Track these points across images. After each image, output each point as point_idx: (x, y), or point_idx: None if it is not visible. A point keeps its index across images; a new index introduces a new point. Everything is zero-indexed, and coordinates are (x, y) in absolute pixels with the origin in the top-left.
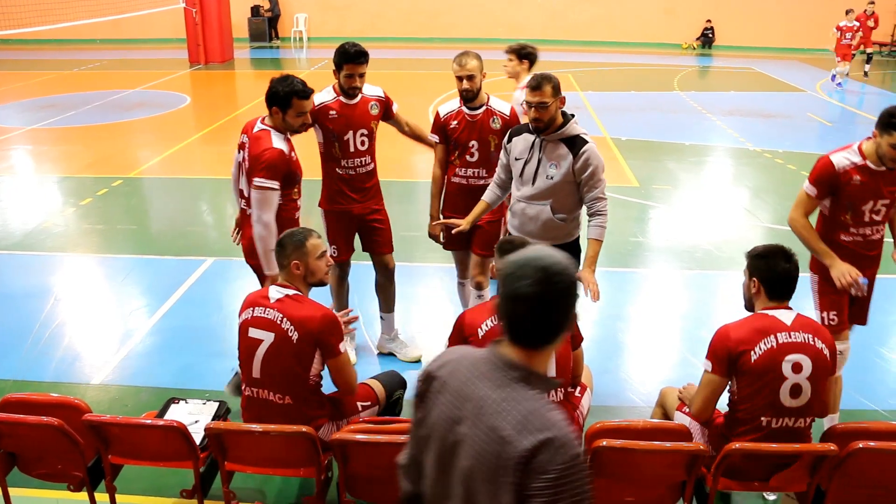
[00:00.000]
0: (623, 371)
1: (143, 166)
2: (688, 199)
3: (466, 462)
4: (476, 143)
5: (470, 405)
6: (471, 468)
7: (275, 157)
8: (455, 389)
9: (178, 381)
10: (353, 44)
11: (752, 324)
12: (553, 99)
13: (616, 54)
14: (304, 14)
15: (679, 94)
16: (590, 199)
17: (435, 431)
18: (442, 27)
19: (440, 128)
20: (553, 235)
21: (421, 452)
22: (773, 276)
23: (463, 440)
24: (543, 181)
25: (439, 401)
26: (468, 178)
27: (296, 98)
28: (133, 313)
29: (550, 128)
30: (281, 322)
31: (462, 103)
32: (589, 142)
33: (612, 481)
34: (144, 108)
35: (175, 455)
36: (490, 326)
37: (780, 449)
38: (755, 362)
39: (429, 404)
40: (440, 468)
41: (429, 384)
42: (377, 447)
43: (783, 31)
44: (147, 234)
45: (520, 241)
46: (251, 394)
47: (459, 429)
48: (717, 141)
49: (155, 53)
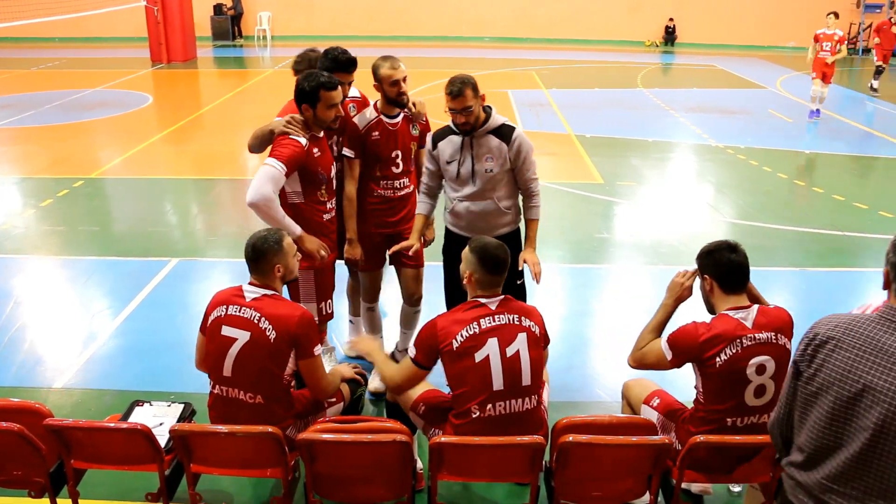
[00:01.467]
0: (589, 366)
1: (105, 167)
2: (652, 195)
3: (878, 409)
4: (400, 152)
5: (881, 356)
6: (883, 415)
7: (290, 147)
8: (855, 345)
9: (143, 384)
10: (342, 50)
11: (719, 327)
12: (475, 100)
13: (580, 52)
14: (268, 12)
15: (642, 90)
16: (525, 181)
17: (831, 386)
18: (407, 25)
19: (359, 141)
20: (501, 226)
21: (805, 408)
22: (721, 269)
23: (872, 389)
24: (483, 176)
25: (835, 357)
26: (395, 189)
27: (323, 90)
28: (96, 316)
29: (477, 124)
30: (258, 321)
31: (379, 112)
32: (516, 128)
33: (579, 476)
34: (105, 107)
35: (139, 458)
36: (467, 336)
37: (744, 441)
38: (720, 368)
39: (819, 363)
40: (834, 419)
41: (822, 345)
42: (343, 446)
43: (744, 28)
44: (109, 236)
45: (494, 242)
46: (220, 392)
47: (867, 378)
48: (681, 137)
49: (116, 52)
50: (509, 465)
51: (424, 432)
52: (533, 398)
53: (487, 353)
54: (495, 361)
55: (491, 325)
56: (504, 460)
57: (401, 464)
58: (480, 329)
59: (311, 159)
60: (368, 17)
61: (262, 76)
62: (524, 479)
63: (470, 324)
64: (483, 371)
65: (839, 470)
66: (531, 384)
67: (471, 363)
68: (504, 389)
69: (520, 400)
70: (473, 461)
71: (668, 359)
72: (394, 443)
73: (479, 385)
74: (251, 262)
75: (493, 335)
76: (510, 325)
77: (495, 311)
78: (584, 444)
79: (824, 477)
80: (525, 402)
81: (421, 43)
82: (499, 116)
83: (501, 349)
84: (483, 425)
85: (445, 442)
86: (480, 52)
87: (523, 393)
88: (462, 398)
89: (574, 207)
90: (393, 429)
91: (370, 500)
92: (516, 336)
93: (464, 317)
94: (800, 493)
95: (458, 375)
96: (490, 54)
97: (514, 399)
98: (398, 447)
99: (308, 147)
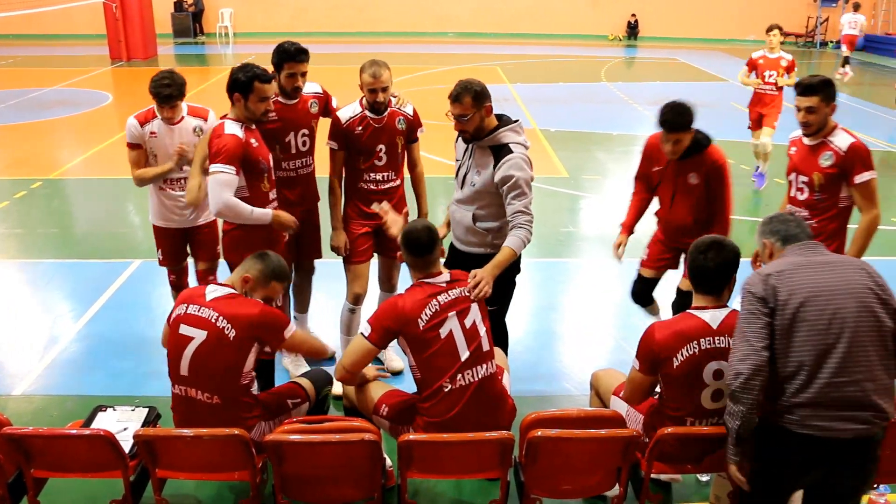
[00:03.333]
0: (557, 360)
1: (64, 167)
2: (617, 188)
3: (848, 302)
4: (384, 146)
5: (819, 266)
6: (854, 305)
7: (228, 144)
8: (799, 267)
9: (106, 388)
10: (292, 42)
11: (678, 326)
12: (474, 110)
13: (544, 46)
14: (230, 9)
15: (606, 84)
16: (511, 212)
17: (805, 302)
18: (370, 20)
19: (342, 134)
20: (475, 242)
21: (787, 335)
22: (692, 270)
23: (832, 289)
24: (469, 187)
25: (793, 280)
26: (378, 182)
27: (257, 82)
28: (57, 320)
29: (480, 134)
30: (216, 320)
31: (364, 108)
32: (514, 152)
33: (549, 470)
34: (64, 106)
35: (103, 465)
36: (430, 314)
37: (711, 431)
38: (677, 369)
39: (786, 291)
40: (822, 324)
41: (777, 276)
42: (311, 447)
43: (706, 22)
44: (70, 238)
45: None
46: (179, 392)
47: (824, 283)
48: (645, 130)
49: (73, 50)
50: (479, 461)
51: (391, 433)
52: (492, 363)
53: (451, 328)
54: (458, 333)
55: (448, 300)
56: (473, 456)
57: (370, 463)
58: (441, 306)
59: (250, 150)
60: (330, 12)
61: (224, 73)
62: (494, 474)
63: (430, 303)
64: (449, 345)
65: (840, 364)
66: (490, 350)
67: (437, 340)
68: (470, 358)
69: (484, 366)
70: (442, 458)
71: (637, 369)
72: (362, 442)
73: (447, 359)
74: (261, 274)
75: (450, 310)
76: (462, 297)
77: (447, 287)
78: (552, 438)
79: (831, 376)
80: (487, 367)
81: (384, 39)
82: (509, 134)
83: (461, 321)
84: (456, 398)
85: (414, 440)
86: (444, 47)
87: (486, 358)
88: (430, 377)
89: (540, 202)
90: (361, 428)
91: (340, 500)
92: (470, 307)
93: (422, 296)
94: (807, 415)
95: (425, 355)
96: (454, 49)
97: (478, 366)
98: (366, 446)
99: (245, 137)
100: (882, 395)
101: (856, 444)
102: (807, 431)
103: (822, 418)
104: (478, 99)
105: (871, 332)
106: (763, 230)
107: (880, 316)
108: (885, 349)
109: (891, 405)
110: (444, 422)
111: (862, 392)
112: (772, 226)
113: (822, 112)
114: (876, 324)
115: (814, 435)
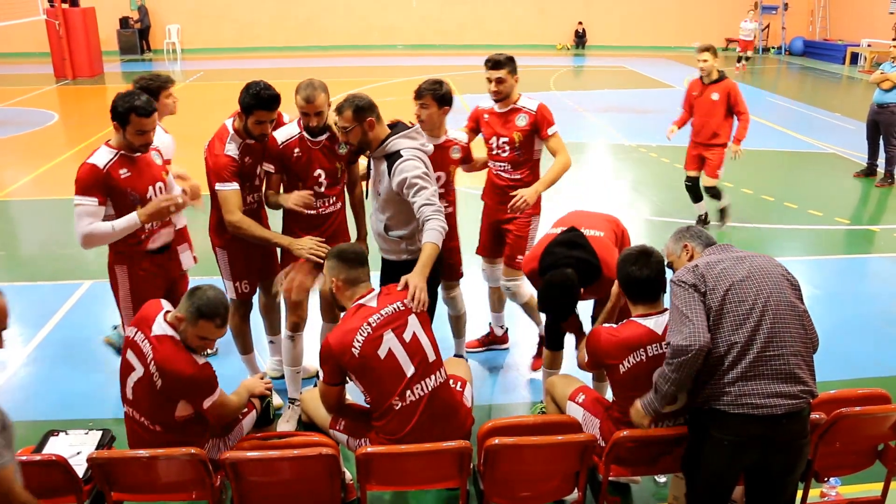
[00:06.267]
0: (514, 368)
1: (10, 188)
2: (570, 195)
3: (763, 284)
4: (322, 172)
5: (737, 260)
6: (768, 287)
7: (83, 175)
8: (720, 260)
9: (59, 412)
10: (266, 86)
11: (623, 335)
12: (355, 123)
13: None
14: (177, 25)
15: (555, 93)
16: (417, 209)
17: (730, 287)
18: (316, 34)
19: (278, 157)
20: (390, 250)
21: (718, 318)
22: (626, 284)
23: (749, 277)
24: (376, 198)
25: (717, 269)
26: (316, 207)
27: (134, 115)
28: (5, 344)
29: (370, 147)
30: (149, 363)
31: (301, 128)
32: (403, 156)
33: (508, 477)
34: (7, 126)
35: (56, 490)
36: (363, 339)
37: (666, 433)
38: (624, 374)
39: (713, 277)
40: (745, 307)
41: (704, 267)
42: (269, 462)
43: (652, 30)
44: (17, 260)
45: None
46: (128, 412)
47: (742, 272)
48: (595, 138)
49: (16, 68)
50: (437, 471)
51: (349, 447)
52: (441, 371)
53: (389, 347)
54: (398, 350)
55: (380, 320)
56: (432, 466)
57: (328, 477)
58: (373, 328)
59: (113, 181)
60: (276, 27)
61: (173, 90)
62: (453, 483)
63: (360, 328)
64: (391, 364)
65: (767, 340)
66: (437, 359)
67: (377, 362)
68: (417, 372)
69: (432, 377)
70: (402, 469)
71: (585, 360)
72: (320, 456)
73: (393, 378)
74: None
75: (385, 328)
76: (397, 313)
77: (378, 307)
78: (510, 445)
79: (759, 350)
80: (436, 376)
81: (331, 52)
82: (400, 141)
83: (399, 337)
84: (408, 414)
85: (372, 452)
86: (393, 59)
87: (434, 369)
88: (380, 398)
89: None
90: (319, 442)
91: None
92: (407, 320)
93: (352, 324)
94: (739, 392)
95: (370, 378)
96: (403, 62)
97: (427, 378)
98: (325, 460)
99: (109, 167)
100: (805, 371)
101: (787, 420)
102: (741, 410)
103: (755, 395)
104: (358, 112)
105: (789, 311)
106: (683, 236)
107: (793, 299)
108: (802, 328)
109: (814, 381)
110: (400, 439)
111: (787, 366)
112: (691, 232)
113: (509, 82)
114: (791, 303)
115: (748, 413)
